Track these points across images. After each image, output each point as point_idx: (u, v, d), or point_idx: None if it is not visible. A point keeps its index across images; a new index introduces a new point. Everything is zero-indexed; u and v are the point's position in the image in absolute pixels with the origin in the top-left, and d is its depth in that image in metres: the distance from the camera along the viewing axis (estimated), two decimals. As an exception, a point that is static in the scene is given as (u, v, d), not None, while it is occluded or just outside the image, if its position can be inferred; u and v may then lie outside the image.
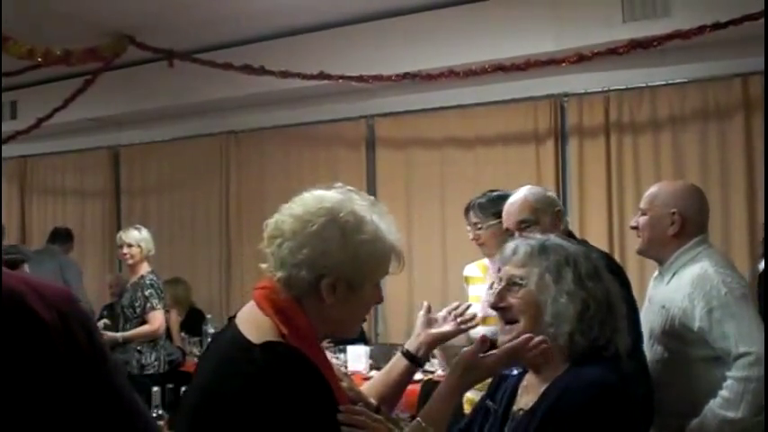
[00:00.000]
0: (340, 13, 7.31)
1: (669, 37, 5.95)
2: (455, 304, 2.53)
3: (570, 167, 7.04)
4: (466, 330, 2.48)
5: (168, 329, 7.08)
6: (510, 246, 2.29)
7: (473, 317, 2.49)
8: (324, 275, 1.89)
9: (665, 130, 6.65)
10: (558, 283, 2.15)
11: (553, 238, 2.30)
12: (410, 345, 2.42)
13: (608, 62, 6.42)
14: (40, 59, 7.04)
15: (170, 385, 4.61)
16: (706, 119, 6.50)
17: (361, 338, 7.12)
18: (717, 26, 5.73)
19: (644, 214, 3.57)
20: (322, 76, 7.17)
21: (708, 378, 3.19)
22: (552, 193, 3.85)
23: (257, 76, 7.37)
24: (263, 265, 1.98)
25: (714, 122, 6.47)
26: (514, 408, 2.25)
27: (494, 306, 2.25)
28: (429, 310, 2.49)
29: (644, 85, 6.72)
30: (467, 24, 6.95)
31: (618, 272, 3.29)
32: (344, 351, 6.39)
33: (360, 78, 7.08)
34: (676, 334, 3.27)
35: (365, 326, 7.67)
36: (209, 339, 2.35)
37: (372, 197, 2.05)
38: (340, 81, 7.16)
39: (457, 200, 7.30)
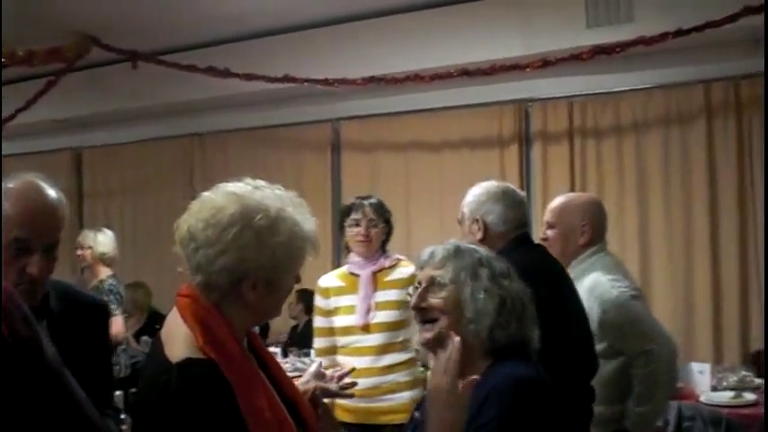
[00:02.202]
0: (306, 16, 7.30)
1: (632, 43, 6.00)
2: (345, 370, 2.63)
3: (534, 172, 7.09)
4: (345, 396, 2.60)
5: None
6: (426, 250, 2.36)
7: (352, 385, 2.58)
8: (243, 279, 1.93)
9: (628, 136, 6.71)
10: (475, 280, 2.23)
11: (465, 243, 2.40)
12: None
13: (572, 68, 6.46)
14: (2, 60, 6.98)
15: (133, 389, 4.58)
16: (668, 125, 6.56)
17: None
18: (679, 33, 5.78)
19: (552, 227, 3.81)
20: (287, 78, 7.16)
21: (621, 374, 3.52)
22: (485, 197, 3.65)
23: (222, 79, 7.34)
24: (180, 269, 2.03)
25: (676, 128, 6.53)
26: None
27: (415, 306, 2.30)
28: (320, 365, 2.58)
29: (607, 90, 6.78)
30: (432, 29, 6.97)
31: (558, 275, 3.39)
32: (309, 355, 6.37)
33: (325, 81, 7.08)
34: None
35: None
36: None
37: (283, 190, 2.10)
38: (305, 84, 7.15)
39: (422, 203, 7.35)
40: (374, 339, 4.14)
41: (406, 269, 4.25)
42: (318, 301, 4.44)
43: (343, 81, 7.05)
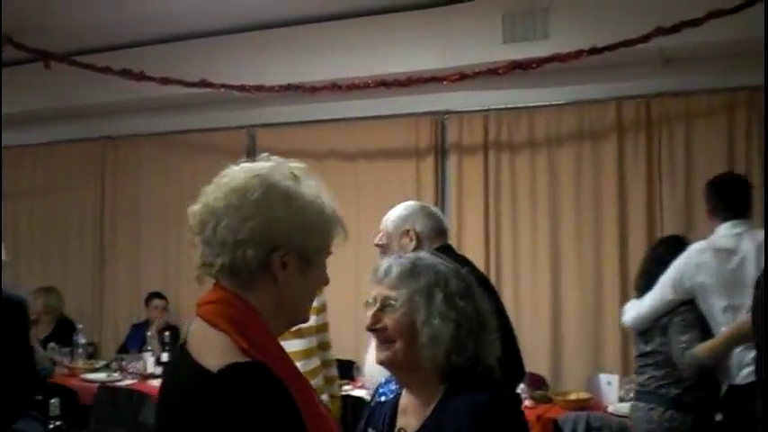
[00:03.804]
0: (224, 21, 7.24)
1: (547, 59, 6.08)
2: None
3: (449, 183, 7.14)
4: None
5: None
6: (383, 266, 2.28)
7: None
8: (274, 249, 1.71)
9: (542, 150, 6.80)
10: (429, 304, 2.16)
11: (424, 257, 2.31)
12: None
13: (488, 82, 6.52)
14: None
15: (39, 397, 4.49)
16: (581, 140, 6.67)
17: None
18: (593, 51, 5.88)
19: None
20: (203, 83, 7.09)
21: None
22: (407, 211, 3.92)
23: (137, 82, 7.22)
24: (197, 271, 1.77)
25: (588, 143, 6.64)
26: (396, 430, 2.26)
27: (370, 328, 2.24)
28: None
29: (522, 105, 6.87)
30: (351, 38, 6.98)
31: (486, 284, 3.44)
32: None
33: (242, 88, 7.02)
34: None
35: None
36: (164, 369, 2.06)
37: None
38: (222, 89, 7.08)
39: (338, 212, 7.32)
40: (303, 344, 4.18)
41: None
42: None
43: (259, 88, 7.00)
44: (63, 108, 8.42)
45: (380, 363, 2.23)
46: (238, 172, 1.80)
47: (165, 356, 6.76)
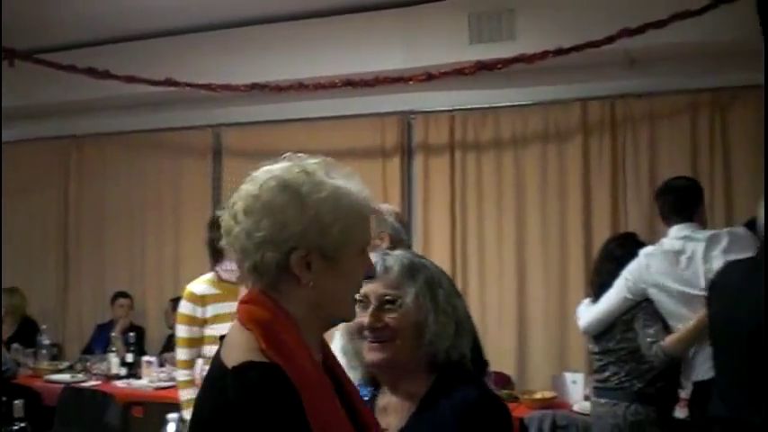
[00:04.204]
0: (189, 20, 7.21)
1: (513, 60, 6.10)
2: None
3: (416, 183, 7.16)
4: None
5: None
6: (378, 262, 2.19)
7: None
8: (291, 250, 1.69)
9: (508, 150, 6.83)
10: (434, 302, 2.13)
11: (413, 256, 2.27)
12: None
13: (454, 82, 6.55)
14: None
15: (3, 398, 4.46)
16: (546, 140, 6.71)
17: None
18: (559, 52, 5.92)
19: None
20: (169, 82, 7.04)
21: None
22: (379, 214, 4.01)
23: (102, 80, 7.16)
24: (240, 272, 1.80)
25: (554, 144, 6.68)
26: None
27: (370, 327, 2.14)
28: None
29: (488, 105, 6.90)
30: (317, 38, 6.97)
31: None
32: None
33: (208, 87, 6.99)
34: None
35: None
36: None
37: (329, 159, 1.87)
38: (187, 88, 7.04)
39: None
40: None
41: None
42: (188, 309, 4.36)
43: (226, 87, 6.97)
44: (27, 106, 8.32)
45: (377, 364, 2.15)
46: (258, 176, 1.78)
47: (129, 357, 6.71)
